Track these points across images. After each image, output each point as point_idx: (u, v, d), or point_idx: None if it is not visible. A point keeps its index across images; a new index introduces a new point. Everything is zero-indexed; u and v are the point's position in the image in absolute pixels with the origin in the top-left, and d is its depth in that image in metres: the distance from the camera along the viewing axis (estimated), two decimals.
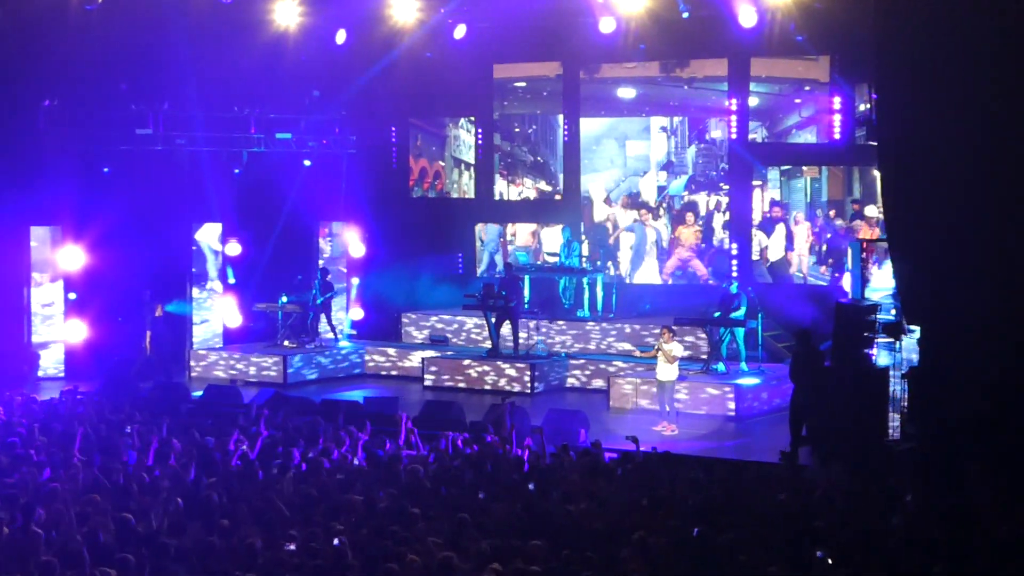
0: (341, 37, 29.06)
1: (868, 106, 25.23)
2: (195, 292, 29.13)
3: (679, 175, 29.98)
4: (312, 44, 29.22)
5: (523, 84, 31.41)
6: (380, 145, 32.04)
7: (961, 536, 13.72)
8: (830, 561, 12.93)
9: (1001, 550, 13.23)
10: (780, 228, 28.75)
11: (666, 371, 22.67)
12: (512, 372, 26.42)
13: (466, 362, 26.90)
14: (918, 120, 18.67)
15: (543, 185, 31.45)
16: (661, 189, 30.22)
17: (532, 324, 27.59)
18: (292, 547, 13.21)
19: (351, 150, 31.37)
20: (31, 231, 28.20)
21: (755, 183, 29.09)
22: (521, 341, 27.06)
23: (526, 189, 31.54)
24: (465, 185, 32.18)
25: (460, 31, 28.98)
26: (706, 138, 29.62)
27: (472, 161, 31.96)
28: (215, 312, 29.36)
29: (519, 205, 31.30)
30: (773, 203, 28.76)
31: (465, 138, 32.14)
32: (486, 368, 26.69)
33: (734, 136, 28.73)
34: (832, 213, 28.25)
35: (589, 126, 30.86)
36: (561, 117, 30.87)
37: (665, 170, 30.17)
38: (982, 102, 17.89)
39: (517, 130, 31.65)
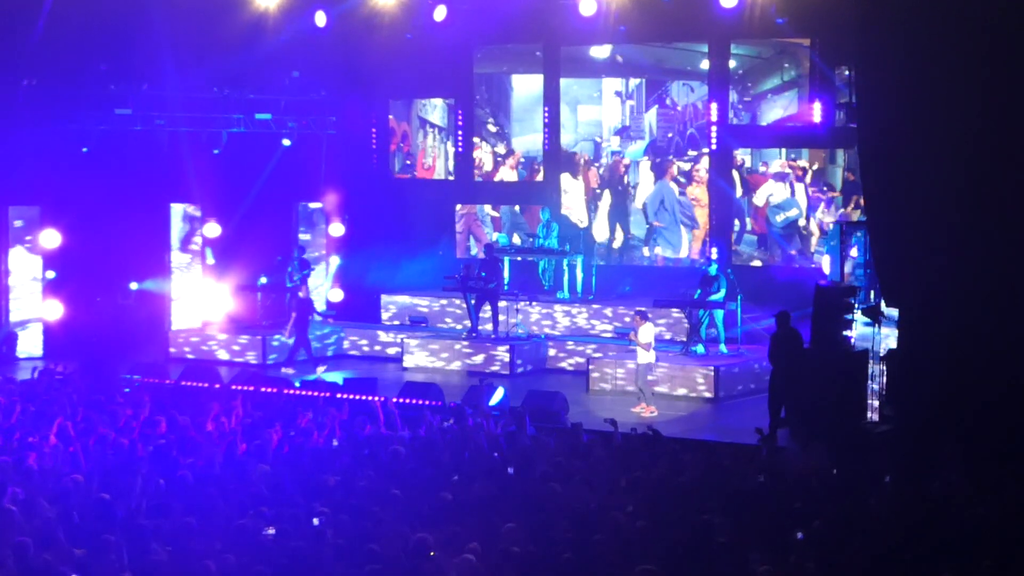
0: (321, 19, 28.98)
1: (849, 75, 25.27)
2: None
3: (635, 140, 29.95)
4: (292, 25, 29.13)
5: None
6: (360, 125, 31.93)
7: (938, 518, 13.79)
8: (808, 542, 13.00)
9: (977, 532, 13.30)
10: (780, 188, 28.40)
11: (643, 353, 22.72)
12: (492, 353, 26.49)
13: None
14: (899, 103, 18.71)
15: (500, 148, 31.35)
16: (615, 154, 30.19)
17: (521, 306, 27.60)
18: (272, 531, 13.20)
19: (331, 131, 31.30)
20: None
21: (706, 150, 29.01)
22: (501, 321, 27.09)
23: (484, 153, 31.43)
24: (430, 147, 32.05)
25: (440, 13, 28.89)
26: (666, 102, 29.56)
27: (438, 123, 31.86)
28: (193, 294, 29.39)
29: (500, 186, 31.23)
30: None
31: (432, 98, 32.07)
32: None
33: (714, 118, 28.59)
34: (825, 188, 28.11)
35: (534, 87, 30.79)
36: (515, 78, 30.86)
37: (619, 135, 30.16)
38: (964, 86, 17.94)
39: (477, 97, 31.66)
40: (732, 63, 28.56)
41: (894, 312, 19.90)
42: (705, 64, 28.81)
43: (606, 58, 29.89)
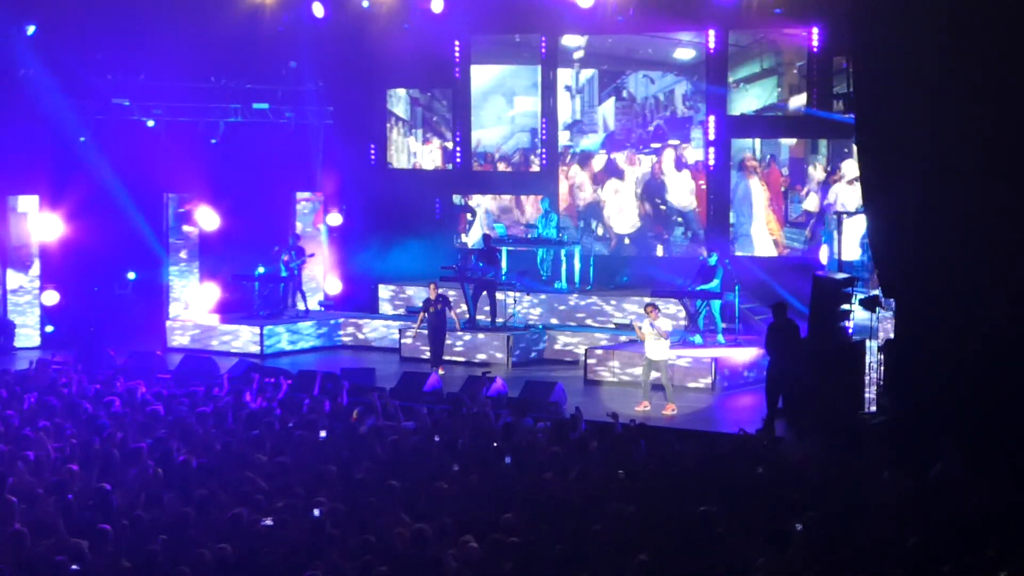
0: (319, 10, 28.93)
1: (846, 65, 25.23)
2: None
3: (588, 134, 29.92)
4: (289, 15, 29.11)
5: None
6: (357, 116, 31.89)
7: (935, 508, 13.79)
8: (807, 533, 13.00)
9: (975, 522, 13.31)
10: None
11: (657, 349, 22.22)
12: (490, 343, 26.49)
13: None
14: (897, 93, 18.67)
15: (450, 144, 31.42)
16: (567, 148, 30.17)
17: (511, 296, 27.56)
18: (269, 522, 13.20)
19: (328, 120, 31.28)
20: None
21: (672, 142, 29.04)
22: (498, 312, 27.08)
23: (435, 148, 31.49)
24: (394, 140, 32.00)
25: (438, 4, 28.78)
26: (623, 95, 29.54)
27: (403, 116, 31.89)
28: (190, 295, 29.42)
29: (496, 176, 31.19)
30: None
31: (398, 91, 32.00)
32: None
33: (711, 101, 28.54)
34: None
35: (485, 80, 30.81)
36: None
37: (569, 129, 30.14)
38: (963, 75, 17.90)
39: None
40: (692, 52, 28.63)
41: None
42: (679, 53, 28.81)
43: (578, 47, 29.86)
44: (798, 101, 27.64)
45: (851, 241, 23.11)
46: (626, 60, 29.48)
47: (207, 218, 29.36)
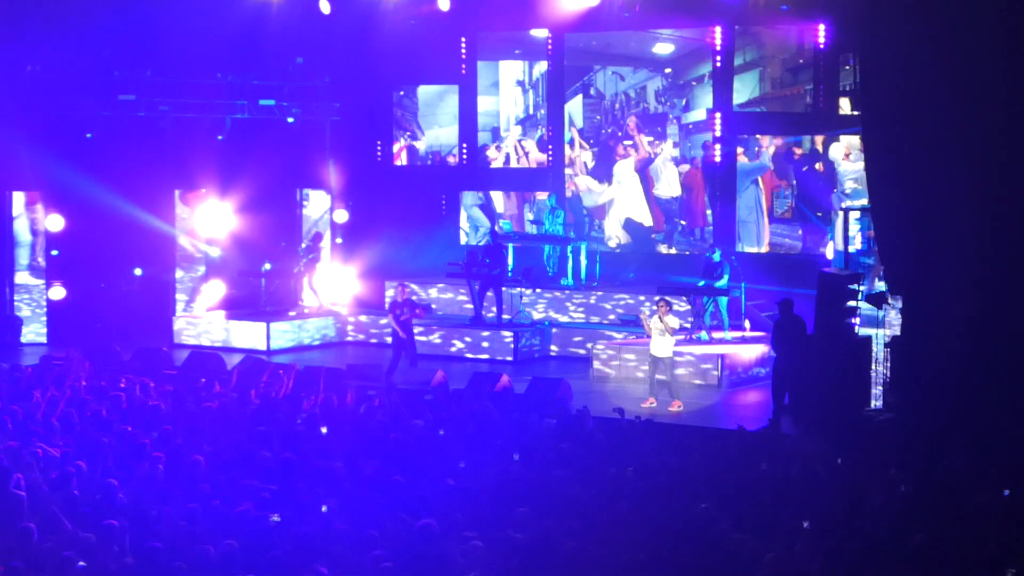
0: (325, 7, 28.92)
1: (853, 62, 25.25)
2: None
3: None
4: (296, 10, 29.10)
5: None
6: (363, 112, 31.88)
7: (941, 505, 13.79)
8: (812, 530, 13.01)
9: (981, 519, 13.30)
10: None
11: (663, 346, 22.13)
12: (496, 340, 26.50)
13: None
14: (903, 90, 18.68)
15: (420, 144, 31.42)
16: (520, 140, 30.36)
17: (517, 291, 27.55)
18: (276, 518, 13.23)
19: (334, 117, 31.28)
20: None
21: (647, 139, 28.98)
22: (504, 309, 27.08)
23: (401, 147, 31.53)
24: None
25: (445, 2, 28.72)
26: (591, 92, 29.49)
27: None
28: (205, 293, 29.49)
29: (504, 173, 31.18)
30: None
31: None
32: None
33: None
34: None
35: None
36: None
37: (522, 124, 30.17)
38: (969, 72, 17.91)
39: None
40: (671, 47, 28.59)
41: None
42: (658, 48, 28.77)
43: (546, 39, 29.87)
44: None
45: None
46: (600, 56, 29.44)
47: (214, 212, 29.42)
